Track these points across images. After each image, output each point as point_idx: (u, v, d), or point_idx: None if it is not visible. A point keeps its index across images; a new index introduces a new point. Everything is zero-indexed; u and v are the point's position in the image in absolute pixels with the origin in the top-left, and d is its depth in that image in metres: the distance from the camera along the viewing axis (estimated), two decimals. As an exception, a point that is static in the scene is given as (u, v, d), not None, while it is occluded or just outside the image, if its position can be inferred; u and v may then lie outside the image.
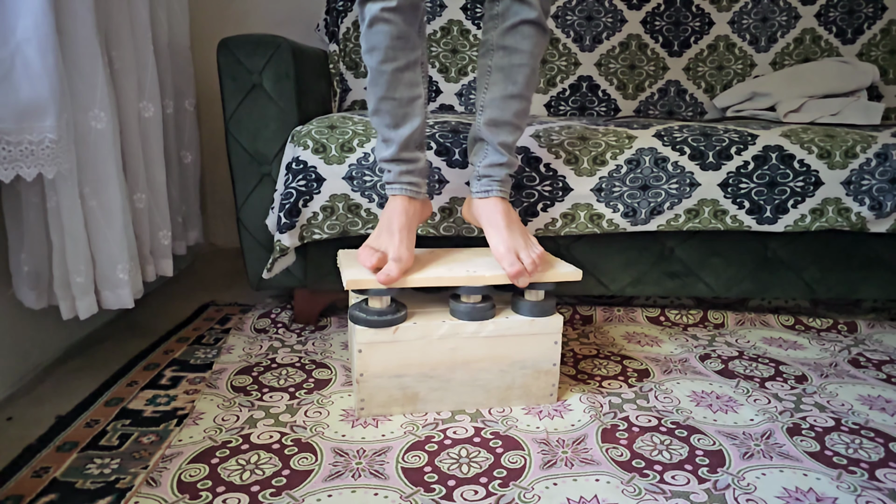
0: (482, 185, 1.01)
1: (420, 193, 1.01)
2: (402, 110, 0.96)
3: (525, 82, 0.97)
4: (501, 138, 0.99)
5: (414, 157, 0.99)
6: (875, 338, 1.30)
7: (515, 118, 0.99)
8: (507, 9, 0.95)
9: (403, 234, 0.96)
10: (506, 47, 0.96)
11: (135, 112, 1.15)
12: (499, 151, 1.00)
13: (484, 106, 0.99)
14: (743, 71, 1.70)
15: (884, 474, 0.81)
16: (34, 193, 0.97)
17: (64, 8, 0.93)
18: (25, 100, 0.84)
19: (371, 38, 0.91)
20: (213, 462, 0.81)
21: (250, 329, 1.29)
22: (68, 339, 1.19)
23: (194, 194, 1.53)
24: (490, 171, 1.01)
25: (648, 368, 1.13)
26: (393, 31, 0.90)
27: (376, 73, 0.93)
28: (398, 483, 0.77)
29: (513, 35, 0.95)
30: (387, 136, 0.97)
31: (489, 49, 0.99)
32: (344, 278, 0.91)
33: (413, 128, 0.97)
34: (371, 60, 0.93)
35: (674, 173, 1.20)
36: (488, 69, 0.99)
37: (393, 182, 0.99)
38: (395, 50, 0.92)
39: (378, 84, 0.94)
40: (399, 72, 0.93)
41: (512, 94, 0.97)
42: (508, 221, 0.99)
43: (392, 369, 0.93)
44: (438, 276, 0.93)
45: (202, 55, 1.81)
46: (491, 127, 0.99)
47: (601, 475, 0.80)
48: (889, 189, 1.19)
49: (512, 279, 0.93)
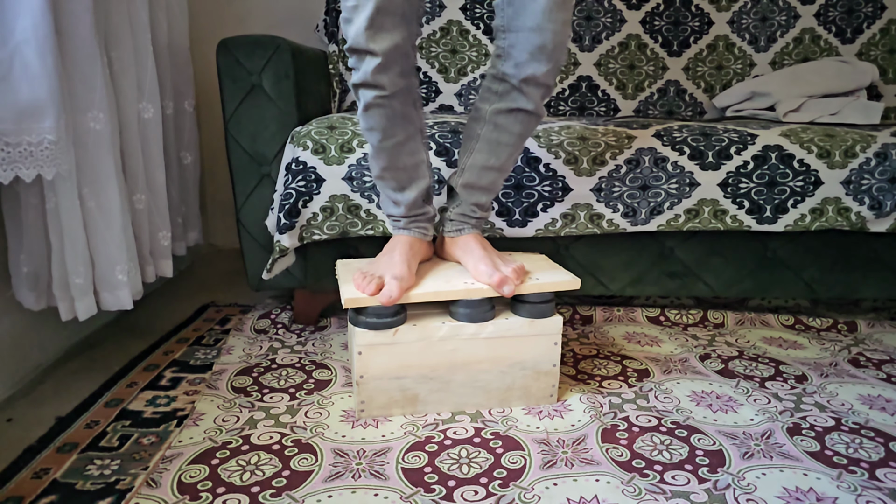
0: (454, 226, 1.04)
1: (427, 236, 1.03)
2: (407, 175, 0.97)
3: (507, 158, 1.00)
4: (475, 199, 1.02)
5: (423, 211, 1.01)
6: (875, 337, 1.30)
7: (491, 185, 1.02)
8: (506, 92, 0.95)
9: (405, 257, 0.97)
10: (497, 125, 0.98)
11: (134, 113, 1.15)
12: (471, 208, 1.03)
13: (464, 168, 1.02)
14: (742, 71, 1.70)
15: (884, 474, 0.81)
16: (33, 194, 0.97)
17: (63, 9, 0.93)
18: (24, 101, 0.84)
19: (369, 119, 0.92)
20: (214, 463, 0.81)
21: (250, 330, 1.29)
22: (68, 340, 1.19)
23: (194, 195, 1.53)
24: (462, 218, 1.03)
25: (648, 368, 1.13)
26: (389, 113, 0.91)
27: (377, 150, 0.95)
28: (398, 483, 0.77)
29: (506, 117, 0.97)
30: (394, 199, 0.99)
31: (481, 118, 0.99)
32: (343, 295, 0.91)
33: (419, 190, 0.99)
34: (371, 138, 0.94)
35: (673, 173, 1.20)
36: (477, 136, 1.00)
37: (402, 228, 1.01)
38: (394, 128, 0.93)
39: (380, 158, 0.96)
40: (399, 146, 0.95)
41: (493, 166, 1.00)
42: (483, 248, 1.01)
43: (392, 371, 0.93)
44: (437, 291, 0.93)
45: (202, 56, 1.81)
46: (467, 188, 1.02)
47: (601, 475, 0.80)
48: (889, 188, 1.19)
49: (497, 288, 0.93)
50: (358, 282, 0.93)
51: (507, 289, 0.93)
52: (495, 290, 0.94)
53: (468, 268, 1.00)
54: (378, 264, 0.97)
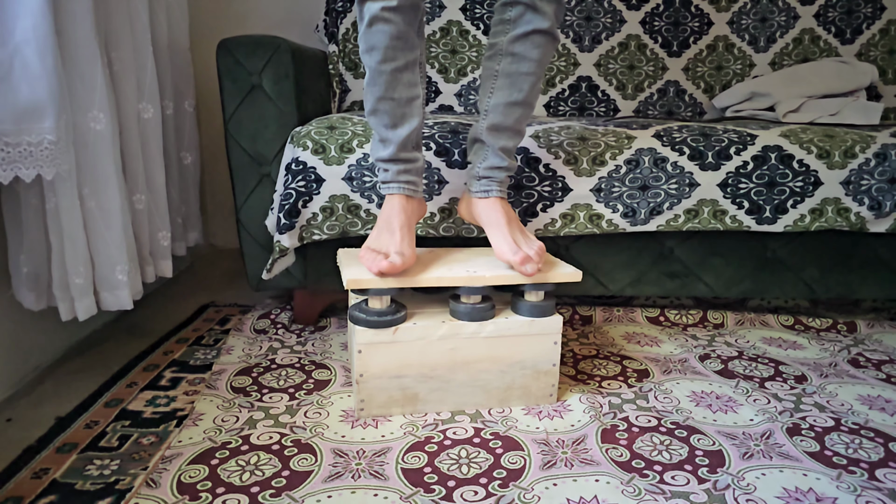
0: (482, 186, 1.02)
1: (417, 192, 1.01)
2: (401, 110, 0.95)
3: (530, 90, 0.98)
4: (502, 143, 1.00)
5: (412, 156, 0.99)
6: (874, 338, 1.30)
7: (517, 124, 1.00)
8: (519, 16, 0.94)
9: (404, 232, 0.96)
10: (514, 54, 0.96)
11: (134, 113, 1.15)
12: (499, 155, 1.00)
13: (487, 110, 1.00)
14: (742, 71, 1.70)
15: (884, 474, 0.81)
16: (33, 195, 0.97)
17: (63, 9, 0.93)
18: (24, 101, 0.84)
19: (370, 37, 0.91)
20: (213, 463, 0.81)
21: (250, 330, 1.29)
22: (68, 340, 1.19)
23: (194, 195, 1.53)
24: (490, 173, 1.01)
25: (648, 368, 1.13)
26: (392, 30, 0.90)
27: (375, 73, 0.93)
28: (398, 484, 0.77)
29: (523, 43, 0.95)
30: (384, 136, 0.97)
31: (497, 53, 0.98)
32: (344, 277, 0.91)
33: (411, 128, 0.97)
34: (370, 60, 0.93)
35: (673, 173, 1.20)
36: (495, 73, 0.98)
37: (390, 181, 0.99)
38: (395, 50, 0.91)
39: (376, 84, 0.94)
40: (398, 72, 0.93)
41: (516, 100, 0.98)
42: (508, 220, 0.99)
43: (392, 370, 0.93)
44: (439, 277, 0.93)
45: (202, 56, 1.81)
46: (493, 132, 0.99)
47: (601, 475, 0.80)
48: (888, 189, 1.19)
49: (519, 266, 0.93)
50: (367, 260, 0.93)
51: (529, 267, 0.93)
52: (516, 267, 0.94)
53: (491, 240, 0.99)
54: (380, 239, 0.97)
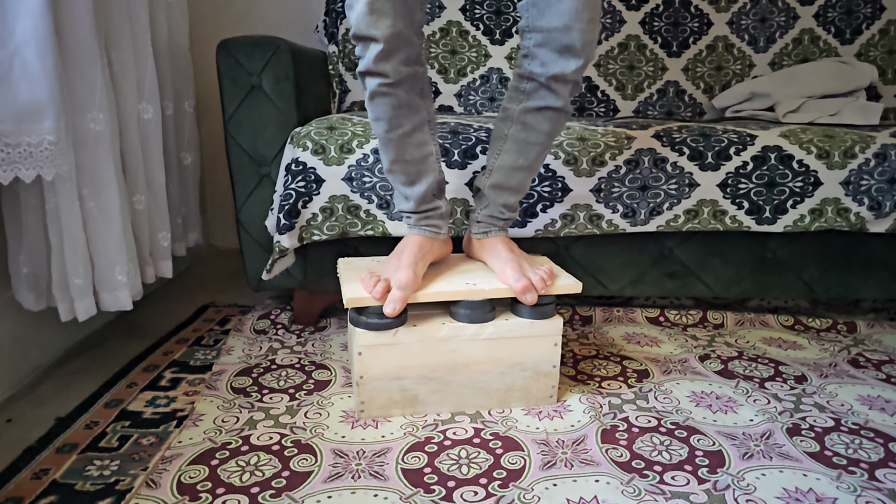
0: (481, 228, 1.04)
1: (440, 234, 1.02)
2: (415, 169, 0.96)
3: (536, 158, 1.00)
4: (503, 200, 1.02)
5: (433, 206, 1.00)
6: (874, 338, 1.30)
7: (520, 185, 1.02)
8: (534, 90, 0.95)
9: (411, 267, 0.95)
10: (525, 124, 0.97)
11: (134, 114, 1.15)
12: (500, 209, 1.03)
13: (492, 169, 1.02)
14: (742, 71, 1.70)
15: (883, 474, 0.81)
16: (33, 195, 0.97)
17: (63, 10, 0.93)
18: (24, 102, 0.84)
19: (374, 109, 0.91)
20: (213, 463, 0.81)
21: (250, 330, 1.29)
22: (68, 340, 1.19)
23: (194, 196, 1.53)
24: (490, 220, 1.03)
25: (648, 369, 1.13)
26: (394, 101, 0.90)
27: (384, 141, 0.94)
28: (398, 484, 0.77)
29: (535, 115, 0.96)
30: (404, 193, 0.99)
31: (508, 118, 0.99)
32: (344, 294, 0.91)
33: (428, 184, 0.97)
34: (377, 129, 0.94)
35: (673, 174, 1.20)
36: (504, 136, 1.00)
37: (413, 226, 1.01)
38: (399, 118, 0.92)
39: (388, 150, 0.95)
40: (406, 136, 0.94)
41: (521, 166, 1.00)
42: (510, 253, 1.01)
43: (392, 372, 0.93)
44: (438, 291, 0.93)
45: (202, 56, 1.81)
46: (495, 189, 1.02)
47: (601, 476, 0.80)
48: (888, 189, 1.20)
49: (520, 295, 0.94)
50: (366, 283, 0.93)
51: (529, 297, 0.94)
52: (517, 295, 0.94)
53: (495, 271, 1.00)
54: (386, 267, 0.96)
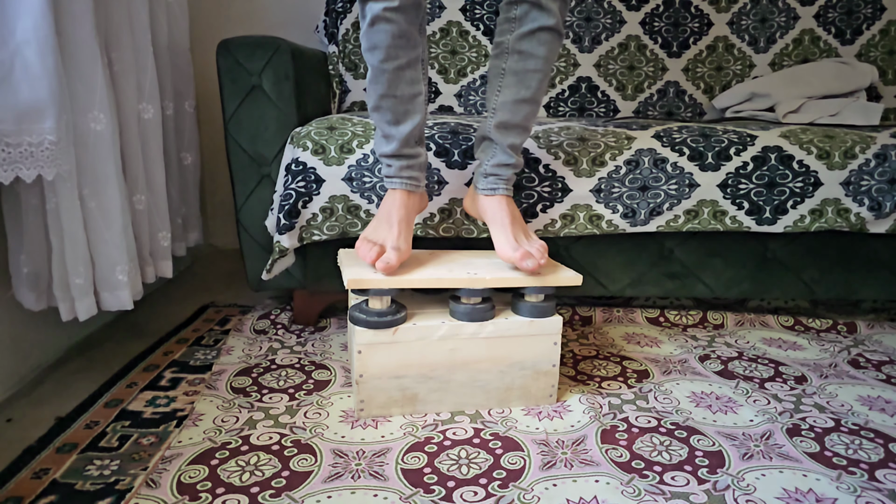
0: (489, 183, 1.03)
1: (419, 187, 1.03)
2: (403, 107, 0.96)
3: (537, 87, 0.98)
4: (510, 140, 1.01)
5: (414, 152, 1.00)
6: (874, 338, 1.30)
7: (525, 121, 1.00)
8: (525, 14, 0.95)
9: (402, 227, 0.98)
10: (521, 52, 0.96)
11: (134, 113, 1.15)
12: (507, 153, 1.01)
13: (496, 108, 1.00)
14: (742, 72, 1.70)
15: (883, 475, 0.81)
16: (33, 195, 0.97)
17: (63, 10, 0.93)
18: (25, 101, 0.84)
19: (372, 36, 0.91)
20: (213, 463, 0.81)
21: (250, 330, 1.29)
22: (68, 340, 1.19)
23: (194, 195, 1.53)
24: (497, 171, 1.02)
25: (648, 369, 1.13)
26: (394, 29, 0.90)
27: (377, 72, 0.93)
28: (398, 484, 0.77)
29: (529, 40, 0.95)
30: (388, 133, 0.98)
31: (503, 51, 0.99)
32: (345, 277, 0.92)
33: (414, 124, 0.97)
34: (372, 59, 0.93)
35: (673, 174, 1.20)
36: (502, 71, 0.99)
37: (393, 176, 1.00)
38: (397, 48, 0.91)
39: (379, 82, 0.94)
40: (400, 70, 0.93)
41: (524, 98, 0.98)
42: (512, 218, 1.01)
43: (391, 370, 0.93)
44: (439, 278, 0.94)
45: (202, 56, 1.81)
46: (501, 129, 1.00)
47: (601, 476, 0.80)
48: (888, 189, 1.20)
49: (519, 262, 0.94)
50: (362, 250, 0.95)
51: (529, 262, 0.94)
52: (517, 263, 0.95)
53: (493, 237, 1.01)
54: (378, 231, 0.99)
